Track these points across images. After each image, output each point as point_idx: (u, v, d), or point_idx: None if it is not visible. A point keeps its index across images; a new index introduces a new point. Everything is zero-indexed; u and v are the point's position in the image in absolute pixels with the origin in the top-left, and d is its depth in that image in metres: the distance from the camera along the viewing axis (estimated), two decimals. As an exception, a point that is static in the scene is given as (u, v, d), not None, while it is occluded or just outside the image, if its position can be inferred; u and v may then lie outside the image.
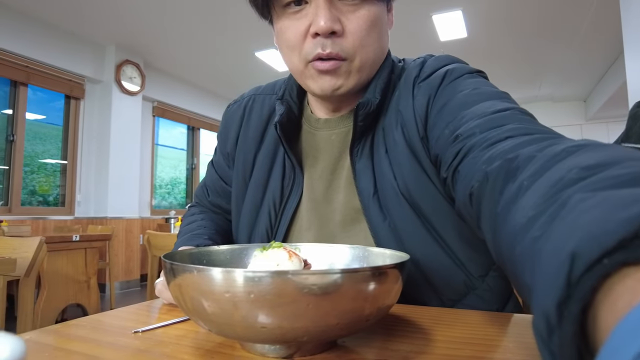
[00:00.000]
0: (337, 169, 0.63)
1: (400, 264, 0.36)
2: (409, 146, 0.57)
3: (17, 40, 3.88)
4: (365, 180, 0.59)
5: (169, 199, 5.95)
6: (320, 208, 0.63)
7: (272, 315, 0.30)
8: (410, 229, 0.57)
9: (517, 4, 3.86)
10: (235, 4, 3.74)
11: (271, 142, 0.68)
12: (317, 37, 0.53)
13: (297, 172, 0.65)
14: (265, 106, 0.71)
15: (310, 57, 0.54)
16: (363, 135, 0.61)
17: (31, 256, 1.21)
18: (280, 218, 0.65)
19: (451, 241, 0.57)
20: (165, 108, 5.60)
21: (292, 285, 0.30)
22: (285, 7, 0.54)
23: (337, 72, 0.54)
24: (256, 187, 0.68)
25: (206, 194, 0.80)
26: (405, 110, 0.58)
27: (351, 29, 0.53)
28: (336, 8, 0.52)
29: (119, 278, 4.55)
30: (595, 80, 6.07)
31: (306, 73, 0.56)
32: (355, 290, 0.32)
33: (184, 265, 0.33)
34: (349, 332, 0.34)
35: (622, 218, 0.17)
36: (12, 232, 3.29)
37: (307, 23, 0.53)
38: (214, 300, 0.31)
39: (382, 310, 0.36)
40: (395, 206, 0.57)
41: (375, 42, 0.56)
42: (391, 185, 0.57)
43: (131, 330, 0.43)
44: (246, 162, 0.70)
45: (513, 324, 0.46)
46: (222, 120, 0.78)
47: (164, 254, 0.40)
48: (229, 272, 0.31)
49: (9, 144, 4.01)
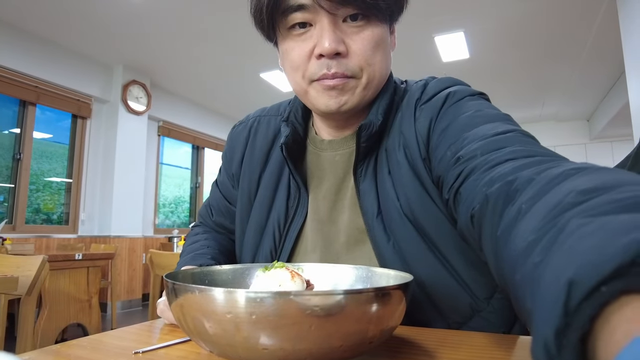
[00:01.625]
0: (341, 189, 0.63)
1: (404, 285, 0.35)
2: (411, 167, 0.57)
3: (28, 61, 3.96)
4: (369, 200, 0.59)
5: (173, 218, 5.95)
6: (325, 228, 0.63)
7: (274, 336, 0.30)
8: (414, 250, 0.56)
9: (518, 25, 3.92)
10: (241, 26, 3.82)
11: (276, 163, 0.68)
12: (322, 58, 0.53)
13: (302, 193, 0.65)
14: (270, 127, 0.71)
15: (316, 77, 0.55)
16: (366, 156, 0.61)
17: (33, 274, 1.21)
18: (284, 238, 0.64)
19: (455, 262, 0.56)
20: (170, 127, 5.66)
21: (294, 306, 0.29)
22: (290, 29, 0.55)
23: (344, 88, 0.55)
24: (261, 207, 0.68)
25: (210, 214, 0.79)
26: (408, 131, 0.58)
27: (355, 50, 0.53)
28: (340, 30, 0.53)
29: (120, 297, 4.51)
30: (598, 99, 6.09)
31: (311, 92, 0.56)
32: (359, 311, 0.31)
33: (185, 285, 0.33)
34: (353, 354, 0.34)
35: (619, 245, 0.17)
36: (16, 250, 3.29)
37: (311, 44, 0.53)
38: (215, 320, 0.31)
39: (385, 332, 0.35)
40: (399, 227, 0.57)
41: (381, 62, 0.56)
42: (394, 206, 0.57)
43: (132, 351, 0.43)
44: (251, 182, 0.70)
45: (519, 347, 0.45)
46: (227, 140, 0.78)
47: (165, 274, 0.40)
48: (231, 292, 0.30)
49: (15, 162, 4.05)
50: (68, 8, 3.57)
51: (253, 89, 5.46)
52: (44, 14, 3.67)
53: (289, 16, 0.53)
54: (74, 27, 3.90)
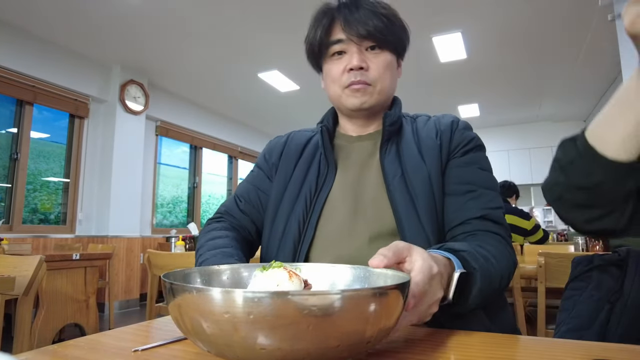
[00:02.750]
0: (367, 163, 0.82)
1: (401, 285, 0.36)
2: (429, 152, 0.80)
3: (25, 61, 3.95)
4: (392, 167, 0.77)
5: (170, 218, 5.94)
6: (352, 190, 0.79)
7: (271, 336, 0.30)
8: (424, 203, 0.74)
9: (516, 26, 3.94)
10: (239, 26, 3.82)
11: (308, 155, 0.88)
12: (351, 72, 0.78)
13: (331, 169, 0.82)
14: (303, 137, 0.93)
15: (346, 85, 0.79)
16: (389, 139, 0.81)
17: (30, 274, 1.20)
18: (314, 203, 0.79)
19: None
20: (168, 127, 5.65)
21: (292, 306, 0.29)
22: (332, 56, 0.82)
23: (365, 91, 0.79)
24: (294, 185, 0.83)
25: (237, 202, 0.89)
26: (444, 134, 0.82)
27: (373, 67, 0.79)
28: (364, 55, 0.79)
29: (118, 297, 4.50)
30: (595, 100, 6.12)
31: (343, 95, 0.81)
32: (356, 311, 0.32)
33: (183, 285, 0.33)
34: (350, 354, 0.34)
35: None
36: (13, 250, 3.28)
37: (345, 64, 0.79)
38: (213, 320, 0.31)
39: (383, 332, 0.35)
40: (418, 185, 0.75)
41: (389, 78, 0.81)
42: (419, 169, 0.77)
43: (130, 351, 0.43)
44: (288, 169, 0.87)
45: (520, 347, 0.45)
46: (267, 146, 0.97)
47: (163, 274, 0.40)
48: (229, 292, 0.30)
49: (12, 162, 4.04)
50: (66, 7, 3.56)
51: (251, 89, 5.46)
52: (42, 13, 3.65)
53: (330, 47, 0.80)
54: (71, 27, 3.89)
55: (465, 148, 0.80)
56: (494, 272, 0.61)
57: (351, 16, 0.77)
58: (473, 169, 0.78)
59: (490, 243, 0.67)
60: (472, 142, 0.81)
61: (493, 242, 0.68)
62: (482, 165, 0.79)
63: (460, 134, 0.81)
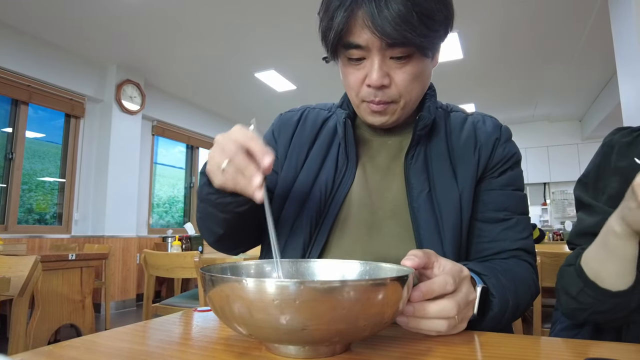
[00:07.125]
0: (390, 167, 0.73)
1: (407, 276, 0.41)
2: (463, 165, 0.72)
3: (20, 60, 3.93)
4: (419, 179, 0.69)
5: (167, 218, 5.93)
6: (372, 197, 0.71)
7: (313, 319, 0.36)
8: (450, 221, 0.68)
9: (511, 26, 3.95)
10: (236, 25, 3.81)
11: (324, 141, 0.77)
12: (370, 87, 0.64)
13: (350, 166, 0.73)
14: (319, 117, 0.81)
15: (365, 99, 0.66)
16: (419, 144, 0.71)
17: (26, 275, 1.20)
18: (330, 203, 0.71)
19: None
20: (164, 127, 5.63)
21: (332, 293, 0.35)
22: (349, 59, 0.64)
23: (385, 111, 0.66)
24: (306, 178, 0.74)
25: None
26: (484, 147, 0.73)
27: (397, 82, 0.63)
28: (387, 65, 0.62)
29: (114, 298, 4.49)
30: (591, 100, 6.15)
31: (361, 108, 0.69)
32: (381, 296, 0.38)
33: (234, 278, 0.38)
34: (372, 332, 0.40)
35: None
36: (8, 251, 3.26)
37: (364, 73, 0.64)
38: (260, 308, 0.36)
39: (396, 314, 0.42)
40: (448, 208, 0.68)
41: (417, 89, 0.66)
42: (449, 187, 0.69)
43: (125, 352, 0.43)
44: (300, 155, 0.77)
45: (522, 347, 0.46)
46: (275, 123, 0.84)
47: (202, 267, 0.44)
48: (281, 282, 0.36)
49: (7, 162, 4.02)
50: (62, 7, 3.55)
51: (247, 88, 5.45)
52: (37, 12, 3.63)
53: (348, 50, 0.63)
54: (67, 26, 3.87)
55: (505, 166, 0.72)
56: (512, 302, 0.59)
57: (380, 13, 0.56)
58: (509, 192, 0.71)
59: (516, 271, 0.64)
60: (513, 158, 0.73)
61: (519, 270, 0.66)
62: (518, 185, 0.73)
63: (503, 150, 0.73)
